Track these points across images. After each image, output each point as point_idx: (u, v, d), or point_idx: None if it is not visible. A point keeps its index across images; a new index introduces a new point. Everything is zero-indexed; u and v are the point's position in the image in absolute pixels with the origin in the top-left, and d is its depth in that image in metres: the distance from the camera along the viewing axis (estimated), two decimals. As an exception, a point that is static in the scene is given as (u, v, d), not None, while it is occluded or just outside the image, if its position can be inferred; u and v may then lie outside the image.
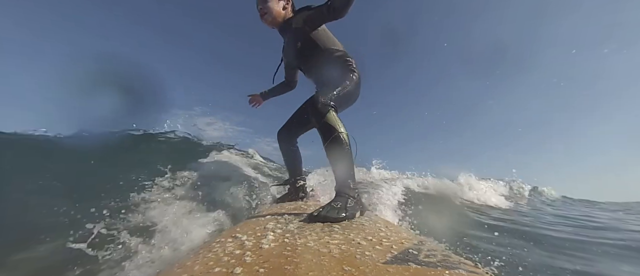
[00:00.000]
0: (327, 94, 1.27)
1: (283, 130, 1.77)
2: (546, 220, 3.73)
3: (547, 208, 5.84)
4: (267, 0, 1.50)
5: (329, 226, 0.90)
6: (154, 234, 1.52)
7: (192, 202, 2.02)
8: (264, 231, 0.82)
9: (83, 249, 1.33)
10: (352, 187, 1.15)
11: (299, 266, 0.53)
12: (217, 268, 0.54)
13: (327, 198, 2.66)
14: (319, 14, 1.40)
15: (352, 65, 1.50)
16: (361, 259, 0.58)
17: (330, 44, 1.50)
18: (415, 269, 0.53)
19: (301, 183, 1.79)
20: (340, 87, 1.35)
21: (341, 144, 1.18)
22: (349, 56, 1.53)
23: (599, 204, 7.73)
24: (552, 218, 4.07)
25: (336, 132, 1.18)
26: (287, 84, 1.94)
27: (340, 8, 1.31)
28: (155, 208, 1.80)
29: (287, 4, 1.57)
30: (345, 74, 1.44)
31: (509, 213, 4.41)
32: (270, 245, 0.69)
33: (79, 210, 1.65)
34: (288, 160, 1.80)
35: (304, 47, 1.50)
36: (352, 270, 0.52)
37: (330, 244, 0.69)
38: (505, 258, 1.70)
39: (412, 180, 4.56)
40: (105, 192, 2.00)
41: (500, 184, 7.11)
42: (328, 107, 1.23)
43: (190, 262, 0.62)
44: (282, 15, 1.54)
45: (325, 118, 1.20)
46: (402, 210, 2.52)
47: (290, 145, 1.78)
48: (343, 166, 1.17)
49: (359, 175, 4.46)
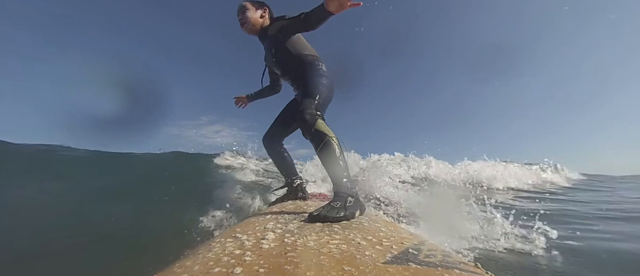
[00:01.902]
0: (311, 105, 1.36)
1: (267, 135, 1.83)
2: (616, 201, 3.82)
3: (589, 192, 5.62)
4: (245, 11, 1.61)
5: (328, 226, 0.90)
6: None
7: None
8: (264, 231, 0.82)
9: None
10: (349, 186, 1.18)
11: (299, 266, 0.53)
12: (217, 268, 0.54)
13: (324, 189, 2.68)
14: (293, 24, 1.51)
15: (322, 69, 1.58)
16: (361, 259, 0.58)
17: (302, 49, 1.60)
18: (415, 269, 0.53)
19: (298, 183, 1.80)
20: (318, 95, 1.44)
21: (333, 148, 1.24)
22: (320, 60, 1.62)
23: (616, 178, 8.23)
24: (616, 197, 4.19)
25: (327, 137, 1.25)
26: (271, 88, 2.02)
27: (313, 23, 1.42)
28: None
29: (265, 13, 1.66)
30: (316, 79, 1.52)
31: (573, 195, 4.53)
32: (270, 245, 0.69)
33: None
34: (279, 164, 1.85)
35: (277, 52, 1.61)
36: (352, 270, 0.52)
37: (330, 244, 0.69)
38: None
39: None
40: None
41: (530, 168, 7.25)
42: (316, 116, 1.31)
43: (190, 262, 0.62)
44: (260, 23, 1.65)
45: (315, 127, 1.28)
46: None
47: (278, 148, 1.83)
48: (337, 168, 1.22)
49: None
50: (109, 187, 2.95)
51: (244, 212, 2.38)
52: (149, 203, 2.41)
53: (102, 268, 1.44)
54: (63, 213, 2.11)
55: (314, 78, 1.51)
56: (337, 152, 1.24)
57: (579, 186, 6.71)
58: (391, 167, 4.81)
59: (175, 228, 1.99)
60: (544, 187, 6.03)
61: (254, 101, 2.08)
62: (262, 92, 2.03)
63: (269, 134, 1.82)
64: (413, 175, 5.46)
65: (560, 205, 3.69)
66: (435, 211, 2.39)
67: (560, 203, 3.97)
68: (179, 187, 2.91)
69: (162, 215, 2.25)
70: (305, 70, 1.54)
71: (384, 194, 3.04)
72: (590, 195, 4.86)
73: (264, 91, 2.02)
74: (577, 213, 3.01)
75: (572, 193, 5.17)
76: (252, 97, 2.06)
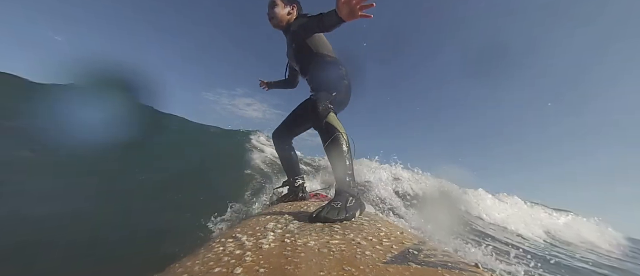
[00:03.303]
0: (326, 98, 1.36)
1: (279, 131, 1.82)
2: None
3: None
4: (275, 6, 1.65)
5: (329, 226, 0.90)
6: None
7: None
8: (264, 232, 0.82)
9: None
10: (352, 185, 1.17)
11: (299, 267, 0.53)
12: (217, 268, 0.54)
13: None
14: (311, 24, 1.52)
15: (343, 72, 1.59)
16: (361, 259, 0.58)
17: (322, 49, 1.62)
18: (416, 269, 0.53)
19: (300, 183, 1.80)
20: (336, 92, 1.45)
21: (341, 144, 1.23)
22: (340, 62, 1.64)
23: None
24: None
25: (337, 132, 1.24)
26: (288, 82, 2.08)
27: (327, 25, 1.43)
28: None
29: (293, 10, 1.69)
30: (336, 80, 1.54)
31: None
32: (271, 245, 0.69)
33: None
34: (284, 161, 1.85)
35: (297, 48, 1.65)
36: (352, 270, 0.52)
37: (331, 244, 0.69)
38: None
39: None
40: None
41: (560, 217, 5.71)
42: (328, 109, 1.30)
43: (191, 262, 0.62)
44: (287, 19, 1.68)
45: (326, 120, 1.27)
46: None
47: (286, 145, 1.84)
48: (343, 165, 1.21)
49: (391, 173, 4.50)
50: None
51: (246, 211, 2.39)
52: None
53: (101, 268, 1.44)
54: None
55: (333, 77, 1.53)
56: (345, 148, 1.23)
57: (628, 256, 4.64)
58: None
59: (176, 226, 2.00)
60: (578, 247, 4.51)
61: (273, 89, 2.20)
62: (280, 83, 2.12)
63: (279, 130, 1.82)
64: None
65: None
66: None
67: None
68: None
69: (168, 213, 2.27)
70: (325, 70, 1.56)
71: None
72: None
73: (281, 83, 2.11)
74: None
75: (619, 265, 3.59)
76: (272, 85, 2.17)
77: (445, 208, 3.35)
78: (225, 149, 5.15)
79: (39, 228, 1.71)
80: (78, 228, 1.81)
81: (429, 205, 3.76)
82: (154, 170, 3.11)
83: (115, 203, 2.31)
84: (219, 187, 3.03)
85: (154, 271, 0.63)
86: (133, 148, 3.42)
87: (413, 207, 3.36)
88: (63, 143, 2.84)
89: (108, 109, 3.44)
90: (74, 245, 1.61)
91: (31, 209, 1.88)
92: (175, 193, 2.63)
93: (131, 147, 3.37)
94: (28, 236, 1.60)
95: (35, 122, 3.35)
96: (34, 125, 3.24)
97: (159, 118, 5.54)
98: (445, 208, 3.24)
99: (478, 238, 2.07)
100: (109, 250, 1.64)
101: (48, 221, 1.79)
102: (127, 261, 1.54)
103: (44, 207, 1.94)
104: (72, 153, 2.79)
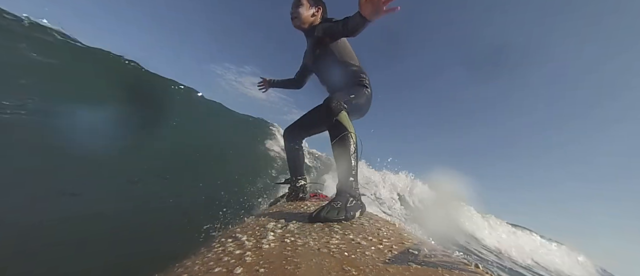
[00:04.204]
0: (342, 97, 1.33)
1: (291, 129, 1.81)
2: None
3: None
4: (299, 6, 1.61)
5: (329, 227, 0.90)
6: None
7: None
8: (264, 232, 0.82)
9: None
10: (353, 186, 1.17)
11: (299, 267, 0.53)
12: (217, 268, 0.54)
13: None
14: (336, 28, 1.48)
15: (365, 81, 1.57)
16: (361, 259, 0.58)
17: (347, 57, 1.59)
18: (416, 269, 0.53)
19: (301, 183, 1.80)
20: (355, 95, 1.42)
21: (349, 143, 1.22)
22: (364, 72, 1.60)
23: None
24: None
25: (346, 131, 1.23)
26: (295, 82, 2.04)
27: (352, 29, 1.39)
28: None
29: (317, 12, 1.66)
30: (358, 87, 1.52)
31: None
32: (271, 245, 0.69)
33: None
34: (291, 159, 1.84)
35: (321, 54, 1.61)
36: (352, 270, 0.52)
37: (331, 244, 0.69)
38: None
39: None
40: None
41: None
42: (342, 107, 1.28)
43: (191, 262, 0.62)
44: (310, 21, 1.64)
45: (338, 117, 1.25)
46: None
47: (295, 144, 1.82)
48: (347, 165, 1.20)
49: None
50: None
51: (246, 211, 2.39)
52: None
53: (102, 267, 1.44)
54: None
55: (355, 84, 1.51)
56: (352, 148, 1.21)
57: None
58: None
59: (176, 226, 1.99)
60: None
61: (274, 88, 2.16)
62: (285, 83, 2.08)
63: (292, 128, 1.81)
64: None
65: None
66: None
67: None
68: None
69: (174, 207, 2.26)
70: (349, 79, 1.54)
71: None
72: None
73: (286, 82, 2.07)
74: None
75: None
76: (274, 84, 2.13)
77: (440, 218, 3.37)
78: (234, 139, 4.90)
79: (38, 228, 1.70)
80: (78, 228, 1.81)
81: (424, 213, 3.80)
82: (155, 157, 3.06)
83: (115, 202, 2.31)
84: (220, 185, 3.02)
85: (154, 271, 0.63)
86: (129, 116, 3.20)
87: (408, 208, 3.38)
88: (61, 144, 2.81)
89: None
90: (74, 245, 1.61)
91: (25, 209, 1.87)
92: (175, 192, 2.62)
93: (126, 115, 3.14)
94: (27, 236, 1.60)
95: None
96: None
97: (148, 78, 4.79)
98: (440, 219, 3.25)
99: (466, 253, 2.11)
100: (109, 250, 1.64)
101: (47, 220, 1.79)
102: (127, 261, 1.54)
103: (41, 206, 1.94)
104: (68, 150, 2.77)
